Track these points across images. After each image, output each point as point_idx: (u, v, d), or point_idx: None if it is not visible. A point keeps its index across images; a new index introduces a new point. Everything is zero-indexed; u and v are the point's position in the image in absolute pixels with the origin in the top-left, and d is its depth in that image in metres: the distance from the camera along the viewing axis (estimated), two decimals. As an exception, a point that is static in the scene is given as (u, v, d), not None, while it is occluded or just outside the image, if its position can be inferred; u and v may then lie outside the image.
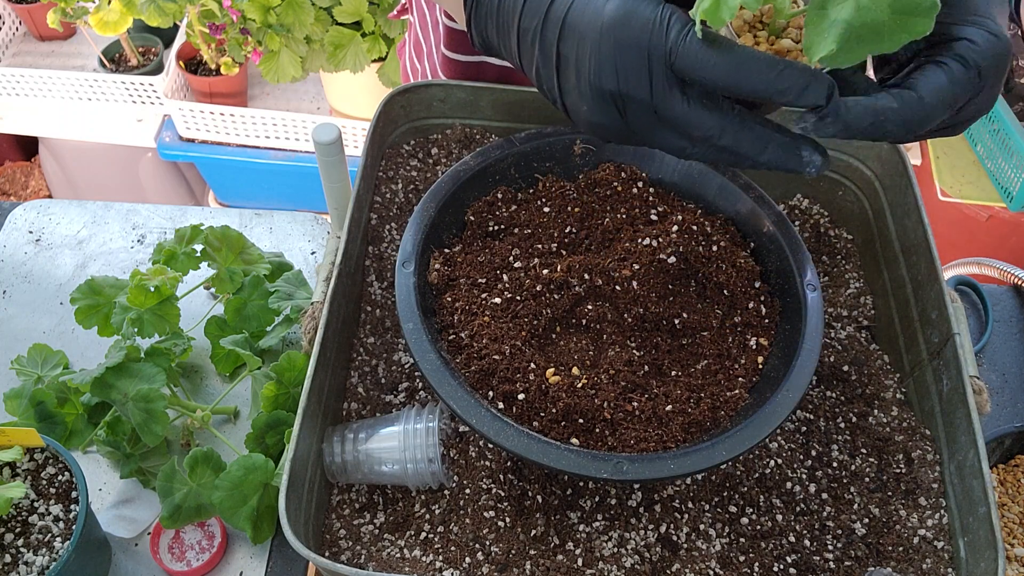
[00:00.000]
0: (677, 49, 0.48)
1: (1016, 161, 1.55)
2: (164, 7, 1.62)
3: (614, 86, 0.50)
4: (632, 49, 0.49)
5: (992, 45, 0.49)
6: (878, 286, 0.79)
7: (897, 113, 0.47)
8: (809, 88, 0.46)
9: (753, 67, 0.46)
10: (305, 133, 1.81)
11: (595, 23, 0.50)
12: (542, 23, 0.53)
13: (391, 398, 0.72)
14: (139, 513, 0.82)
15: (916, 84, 0.48)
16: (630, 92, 0.50)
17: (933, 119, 0.48)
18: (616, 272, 0.66)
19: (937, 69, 0.49)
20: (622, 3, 0.49)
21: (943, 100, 0.48)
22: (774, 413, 0.59)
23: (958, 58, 0.49)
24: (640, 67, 0.49)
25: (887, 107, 0.47)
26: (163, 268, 0.85)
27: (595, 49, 0.50)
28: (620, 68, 0.49)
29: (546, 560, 0.63)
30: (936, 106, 0.48)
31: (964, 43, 0.49)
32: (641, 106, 0.50)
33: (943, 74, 0.48)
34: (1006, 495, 0.91)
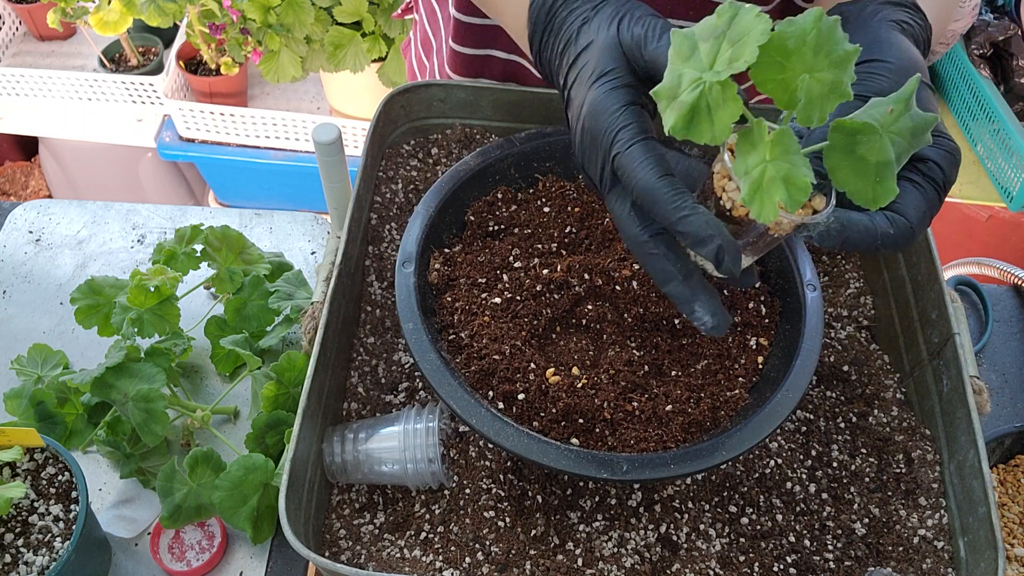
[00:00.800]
0: (616, 158, 0.51)
1: (1016, 161, 1.55)
2: (164, 7, 1.62)
3: (582, 165, 0.55)
4: (591, 139, 0.53)
5: (951, 164, 0.53)
6: (878, 286, 0.79)
7: (892, 239, 0.51)
8: (702, 244, 0.48)
9: (661, 201, 0.49)
10: (305, 133, 1.81)
11: (580, 103, 0.55)
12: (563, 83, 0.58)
13: (391, 398, 0.72)
14: (139, 513, 0.82)
15: (904, 210, 0.52)
16: (589, 174, 0.55)
17: (915, 240, 0.53)
18: (616, 272, 0.66)
19: (916, 193, 0.52)
20: (598, 93, 0.53)
21: (926, 224, 0.53)
22: (774, 413, 0.59)
23: (932, 182, 0.52)
24: (595, 156, 0.53)
25: (884, 233, 0.51)
26: (163, 268, 0.85)
27: (575, 127, 0.55)
28: (583, 151, 0.54)
29: (546, 560, 0.63)
30: (921, 230, 0.52)
31: (931, 165, 0.53)
32: (597, 188, 0.55)
33: (922, 199, 0.52)
34: (1006, 495, 0.91)
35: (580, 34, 0.58)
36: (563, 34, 0.59)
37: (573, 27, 0.58)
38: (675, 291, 0.53)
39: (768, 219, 0.45)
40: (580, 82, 0.55)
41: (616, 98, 0.52)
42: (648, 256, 0.53)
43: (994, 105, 1.58)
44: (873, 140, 0.46)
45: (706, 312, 0.53)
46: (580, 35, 0.58)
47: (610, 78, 0.53)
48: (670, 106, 0.46)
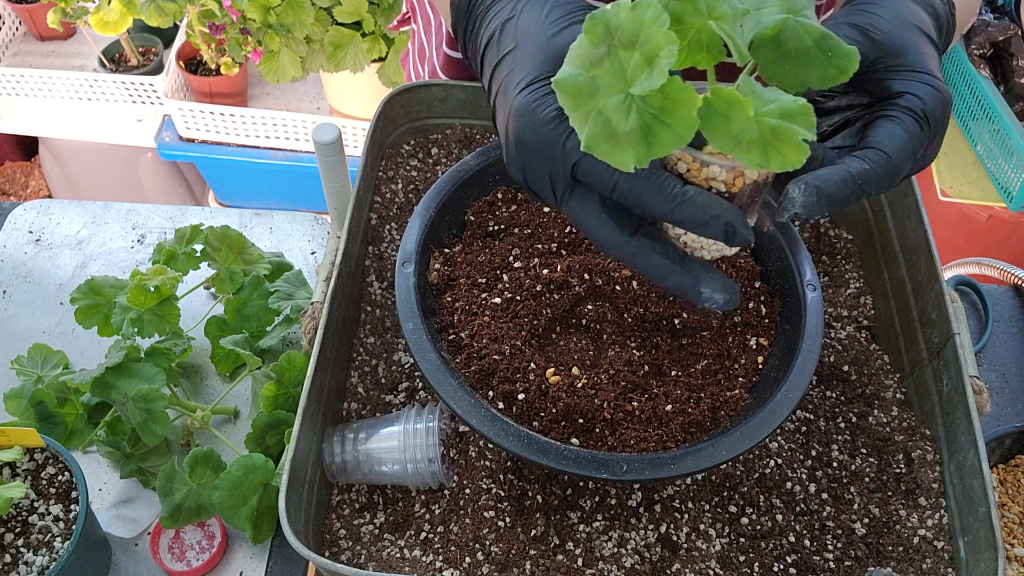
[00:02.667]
0: (579, 165, 0.47)
1: (1016, 161, 1.55)
2: (164, 7, 1.62)
3: (521, 178, 0.50)
4: (532, 151, 0.48)
5: (936, 98, 0.51)
6: (878, 286, 0.79)
7: (873, 174, 0.48)
8: (707, 226, 0.45)
9: (650, 191, 0.45)
10: (305, 133, 1.81)
11: (506, 113, 0.49)
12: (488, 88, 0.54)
13: (391, 398, 0.72)
14: (139, 513, 0.82)
15: (880, 142, 0.49)
16: (534, 188, 0.50)
17: (901, 174, 0.50)
18: (616, 272, 0.66)
19: (892, 124, 0.50)
20: (527, 101, 0.48)
21: (906, 155, 0.49)
22: (774, 413, 0.59)
23: (909, 112, 0.50)
24: (542, 168, 0.48)
25: (862, 170, 0.48)
26: (163, 268, 0.85)
27: (504, 139, 0.50)
28: (523, 166, 0.49)
29: (546, 560, 0.63)
30: (903, 161, 0.49)
31: (910, 97, 0.50)
32: (548, 201, 0.50)
33: (900, 128, 0.50)
34: (1006, 495, 0.91)
35: (503, 34, 0.53)
36: (484, 31, 0.55)
37: (495, 24, 0.54)
38: (675, 281, 0.49)
39: (799, 161, 0.42)
40: (505, 90, 0.50)
41: (552, 103, 0.47)
42: (634, 256, 0.49)
43: (994, 105, 1.58)
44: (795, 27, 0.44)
45: (714, 290, 0.49)
46: (503, 35, 0.53)
47: (541, 84, 0.48)
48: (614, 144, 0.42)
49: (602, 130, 0.42)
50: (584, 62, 0.42)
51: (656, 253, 0.49)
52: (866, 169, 0.48)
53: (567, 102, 0.43)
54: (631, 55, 0.41)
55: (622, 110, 0.41)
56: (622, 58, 0.41)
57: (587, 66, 0.42)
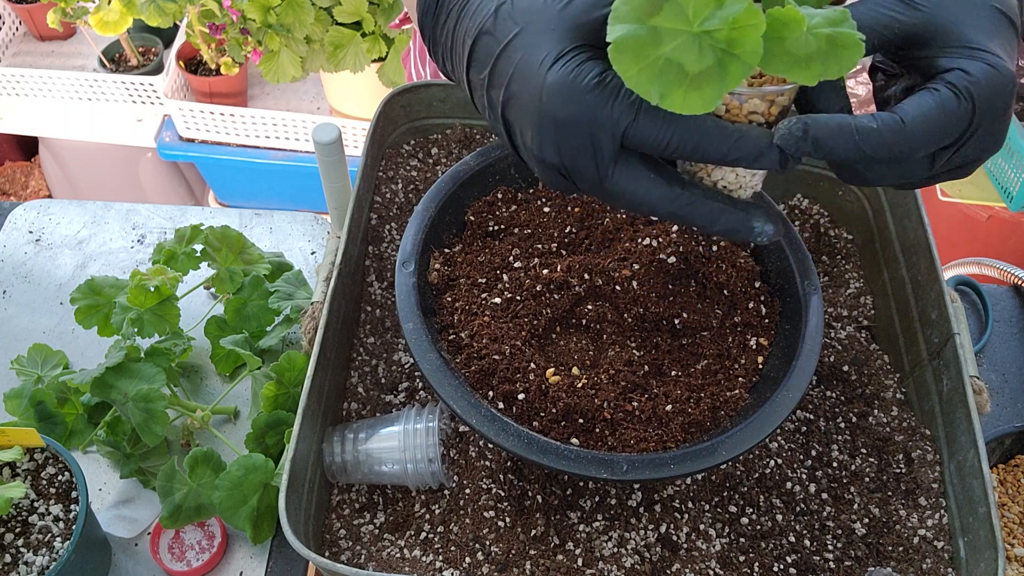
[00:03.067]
0: (629, 124, 0.45)
1: (1016, 161, 1.55)
2: (164, 7, 1.62)
3: (557, 159, 0.48)
4: (574, 126, 0.46)
5: (989, 76, 0.46)
6: (878, 286, 0.79)
7: (876, 135, 0.45)
8: (763, 156, 0.45)
9: (708, 137, 0.45)
10: (305, 133, 1.81)
11: (535, 93, 0.47)
12: (487, 83, 0.50)
13: (391, 398, 0.72)
14: (139, 513, 0.82)
15: (902, 107, 0.46)
16: (574, 166, 0.48)
17: (918, 147, 0.46)
18: (616, 272, 0.66)
19: (925, 94, 0.46)
20: (563, 76, 0.46)
21: (928, 127, 0.45)
22: (774, 413, 0.59)
23: (948, 85, 0.46)
24: (584, 144, 0.47)
25: (866, 127, 0.45)
26: (163, 268, 0.85)
27: (536, 123, 0.47)
28: (561, 144, 0.47)
29: (546, 560, 0.63)
30: (920, 133, 0.45)
31: (956, 72, 0.46)
32: (587, 178, 0.48)
33: (930, 99, 0.46)
34: (1006, 495, 0.91)
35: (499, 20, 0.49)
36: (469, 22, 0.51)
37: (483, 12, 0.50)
38: (729, 221, 0.48)
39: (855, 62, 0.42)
40: (526, 74, 0.47)
41: (588, 72, 0.46)
42: (689, 207, 0.48)
43: (994, 105, 1.58)
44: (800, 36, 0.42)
45: (765, 221, 0.48)
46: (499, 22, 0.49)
47: (570, 56, 0.46)
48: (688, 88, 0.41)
49: (675, 77, 0.41)
50: (639, 14, 0.41)
51: (709, 199, 0.48)
52: (871, 128, 0.45)
53: (628, 60, 0.41)
54: None
55: (692, 50, 0.41)
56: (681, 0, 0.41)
57: (644, 17, 0.41)
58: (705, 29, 0.41)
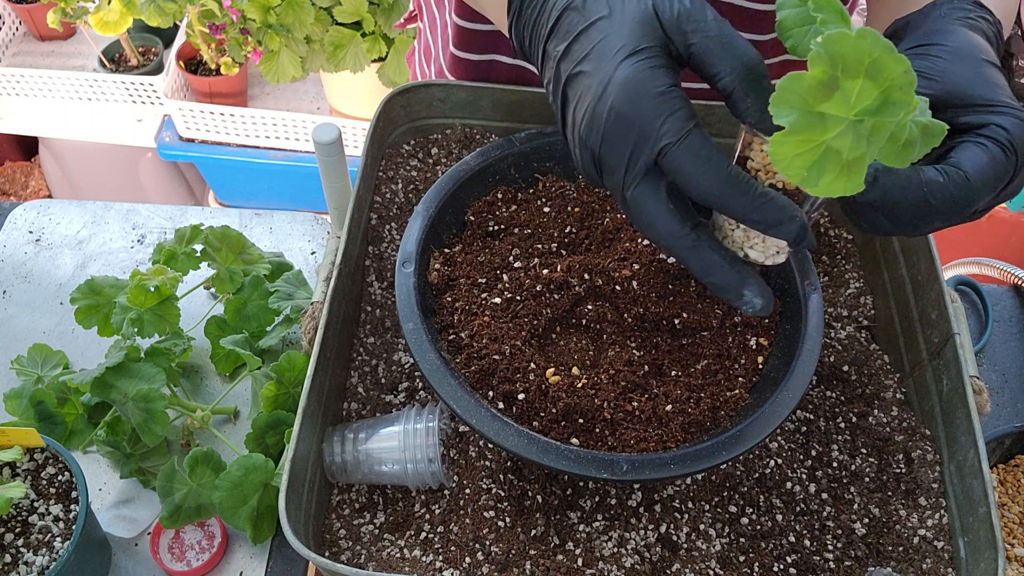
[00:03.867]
0: (668, 150, 0.46)
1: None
2: (164, 7, 1.62)
3: (596, 148, 0.49)
4: (625, 125, 0.47)
5: (1017, 126, 0.49)
6: (878, 286, 0.79)
7: (944, 189, 0.47)
8: (781, 226, 0.46)
9: (734, 194, 0.46)
10: (305, 133, 1.81)
11: (602, 82, 0.48)
12: (561, 56, 0.51)
13: (391, 398, 0.72)
14: (139, 513, 0.82)
15: (959, 162, 0.48)
16: (608, 161, 0.49)
17: (978, 200, 0.48)
18: (616, 272, 0.66)
19: (977, 148, 0.49)
20: (633, 75, 0.47)
21: (987, 180, 0.48)
22: (774, 413, 0.59)
23: (994, 141, 0.49)
24: (625, 144, 0.47)
25: (933, 181, 0.46)
26: (163, 268, 0.85)
27: (592, 107, 0.48)
28: (607, 136, 0.48)
29: (546, 560, 0.63)
30: (982, 187, 0.48)
31: (994, 128, 0.49)
32: (614, 179, 0.49)
33: (983, 154, 0.48)
34: (1006, 495, 0.91)
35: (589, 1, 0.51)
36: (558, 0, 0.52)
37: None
38: (723, 279, 0.50)
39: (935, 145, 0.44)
40: (600, 57, 0.48)
41: (659, 78, 0.46)
42: (690, 250, 0.49)
43: (994, 105, 1.58)
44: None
45: (756, 294, 0.50)
46: (589, 2, 0.51)
47: (647, 55, 0.47)
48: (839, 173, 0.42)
49: (832, 163, 0.42)
50: (808, 100, 0.42)
51: (711, 250, 0.49)
52: (939, 183, 0.47)
53: (791, 145, 0.42)
54: (857, 83, 0.41)
55: (850, 138, 0.42)
56: (848, 88, 0.41)
57: (812, 103, 0.42)
58: (859, 115, 0.42)
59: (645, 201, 0.48)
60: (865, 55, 0.40)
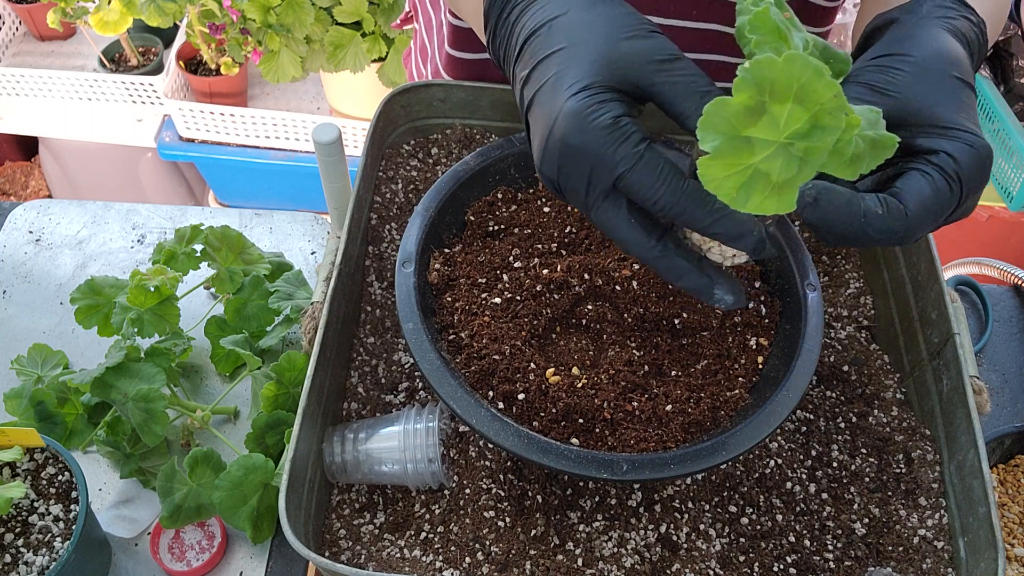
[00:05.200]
0: (625, 175, 0.47)
1: (1016, 161, 1.55)
2: (164, 7, 1.62)
3: (554, 177, 0.50)
4: (578, 155, 0.48)
5: (972, 157, 0.49)
6: (878, 286, 0.79)
7: (882, 221, 0.47)
8: (740, 239, 0.47)
9: (693, 209, 0.47)
10: (305, 133, 1.81)
11: (553, 111, 0.49)
12: (525, 82, 0.53)
13: (391, 398, 0.72)
14: (139, 513, 0.82)
15: (902, 194, 0.48)
16: (567, 187, 0.50)
17: (915, 234, 0.48)
18: (616, 272, 0.66)
19: (921, 179, 0.48)
20: (581, 106, 0.48)
21: (928, 214, 0.48)
22: (774, 413, 0.59)
23: (939, 170, 0.48)
24: (581, 173, 0.49)
25: (872, 212, 0.47)
26: (163, 268, 0.85)
27: (545, 138, 0.50)
28: (561, 166, 0.49)
29: (546, 560, 0.63)
30: (922, 221, 0.48)
31: (943, 156, 0.49)
32: (577, 202, 0.50)
33: (927, 186, 0.48)
34: (1006, 495, 0.91)
35: (552, 30, 0.52)
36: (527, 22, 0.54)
37: (541, 17, 0.53)
38: (693, 283, 0.51)
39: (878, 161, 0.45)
40: (553, 89, 0.50)
41: (606, 111, 0.48)
42: (658, 258, 0.51)
43: (994, 105, 1.58)
44: None
45: (727, 292, 0.52)
46: (552, 32, 0.52)
47: (596, 91, 0.48)
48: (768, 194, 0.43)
49: (760, 184, 0.43)
50: (735, 125, 0.43)
51: (679, 256, 0.51)
52: (878, 214, 0.47)
53: (719, 168, 0.43)
54: (785, 108, 0.42)
55: (780, 160, 0.43)
56: (775, 113, 0.42)
57: (739, 128, 0.43)
58: (790, 138, 0.42)
59: (609, 220, 0.50)
60: (794, 80, 0.41)
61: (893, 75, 0.51)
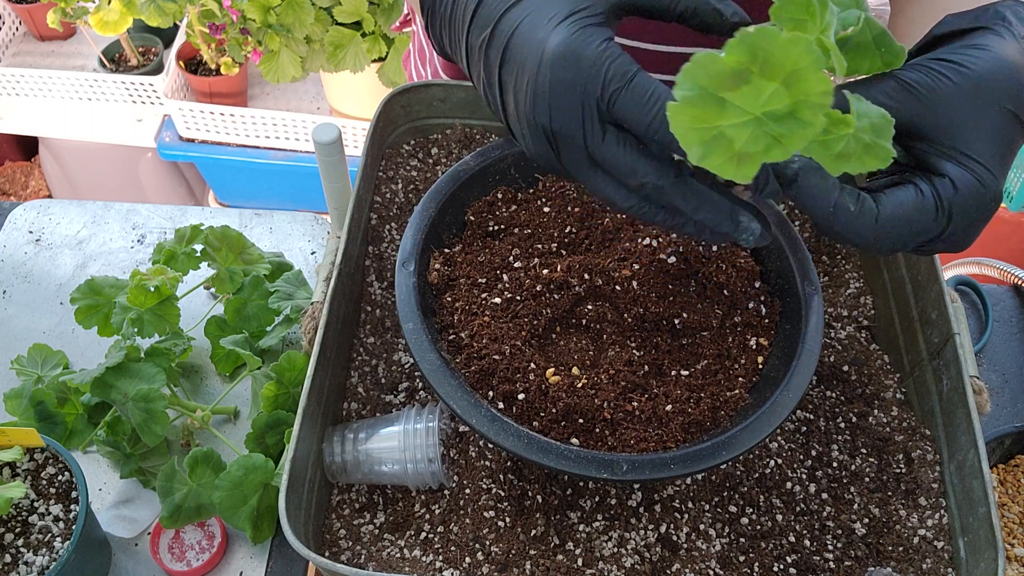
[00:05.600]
0: (617, 95, 0.45)
1: (1016, 161, 1.55)
2: (164, 7, 1.62)
3: (547, 122, 0.47)
4: (569, 89, 0.46)
5: (974, 193, 0.46)
6: (878, 286, 0.79)
7: (850, 218, 0.46)
8: None
9: None
10: (305, 133, 1.81)
11: (535, 54, 0.47)
12: (487, 43, 0.50)
13: (391, 398, 0.72)
14: (139, 513, 0.82)
15: (882, 200, 0.46)
16: (563, 131, 0.47)
17: (882, 243, 0.46)
18: (616, 272, 0.66)
19: (912, 194, 0.47)
20: (566, 39, 0.46)
21: (899, 228, 0.46)
22: (774, 413, 0.59)
23: (934, 194, 0.47)
24: (574, 107, 0.46)
25: (843, 205, 0.46)
26: (163, 268, 0.85)
27: (532, 82, 0.47)
28: (554, 106, 0.47)
29: (546, 560, 0.63)
30: (890, 232, 0.46)
31: (944, 180, 0.47)
32: (574, 146, 0.48)
33: (911, 202, 0.46)
34: (1006, 495, 0.91)
35: None
36: None
37: None
38: (715, 208, 0.47)
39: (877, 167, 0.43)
40: (531, 30, 0.47)
41: (594, 36, 0.46)
42: (675, 185, 0.46)
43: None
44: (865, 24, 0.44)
45: (752, 218, 0.47)
46: None
47: (581, 15, 0.46)
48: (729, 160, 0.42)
49: (722, 147, 0.42)
50: (715, 83, 0.42)
51: (697, 181, 0.47)
52: (848, 210, 0.46)
53: (685, 118, 0.42)
54: (771, 85, 0.41)
55: (747, 133, 0.42)
56: (759, 86, 0.41)
57: (718, 87, 0.42)
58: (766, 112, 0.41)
59: (615, 151, 0.47)
60: (789, 62, 0.40)
61: (937, 81, 0.47)
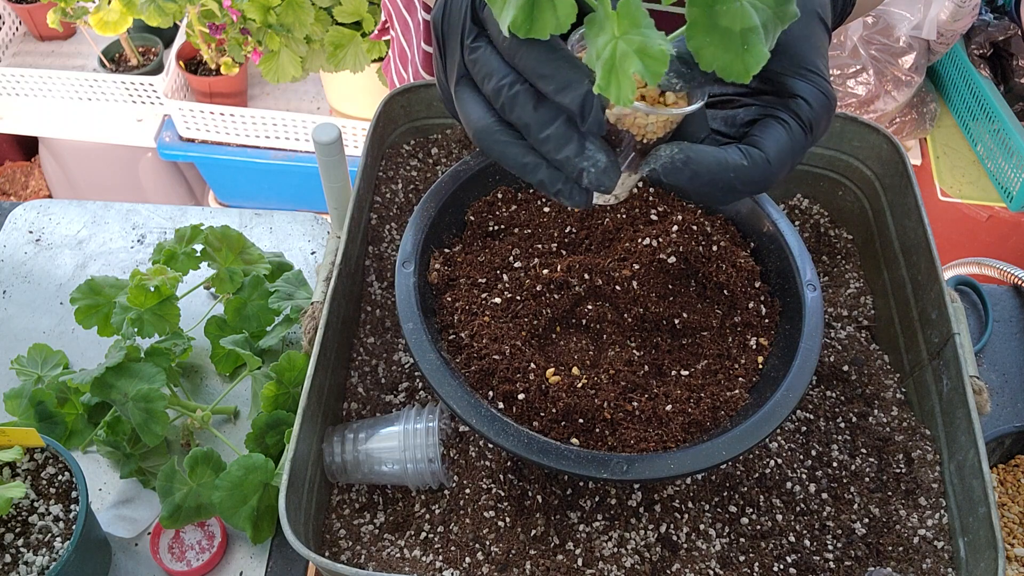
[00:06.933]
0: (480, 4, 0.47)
1: (1016, 161, 1.55)
2: (164, 7, 1.62)
3: (439, 21, 0.49)
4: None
5: (823, 105, 0.50)
6: (878, 286, 0.79)
7: (746, 172, 0.47)
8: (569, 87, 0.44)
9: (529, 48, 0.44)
10: (305, 133, 1.81)
11: None
12: None
13: (391, 398, 0.72)
14: (139, 513, 0.82)
15: (762, 143, 0.48)
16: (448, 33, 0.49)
17: (776, 179, 0.49)
18: (616, 272, 0.66)
19: (779, 127, 0.49)
20: None
21: (785, 161, 0.49)
22: (774, 413, 0.59)
23: (797, 119, 0.49)
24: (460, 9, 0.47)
25: (737, 164, 0.47)
26: (163, 268, 0.85)
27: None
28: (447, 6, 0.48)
29: (546, 560, 0.63)
30: (781, 168, 0.49)
31: (800, 101, 0.49)
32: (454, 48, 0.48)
33: (785, 134, 0.49)
34: (1006, 495, 0.91)
35: None
36: None
37: None
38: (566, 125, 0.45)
39: (627, 101, 0.41)
40: None
41: None
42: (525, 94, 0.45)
43: (994, 105, 1.58)
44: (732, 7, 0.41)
45: (599, 149, 0.46)
46: None
47: None
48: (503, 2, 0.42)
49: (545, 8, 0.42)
50: None
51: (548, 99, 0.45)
52: (744, 166, 0.47)
53: None
54: None
55: None
56: None
57: None
58: None
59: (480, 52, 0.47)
60: None
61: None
